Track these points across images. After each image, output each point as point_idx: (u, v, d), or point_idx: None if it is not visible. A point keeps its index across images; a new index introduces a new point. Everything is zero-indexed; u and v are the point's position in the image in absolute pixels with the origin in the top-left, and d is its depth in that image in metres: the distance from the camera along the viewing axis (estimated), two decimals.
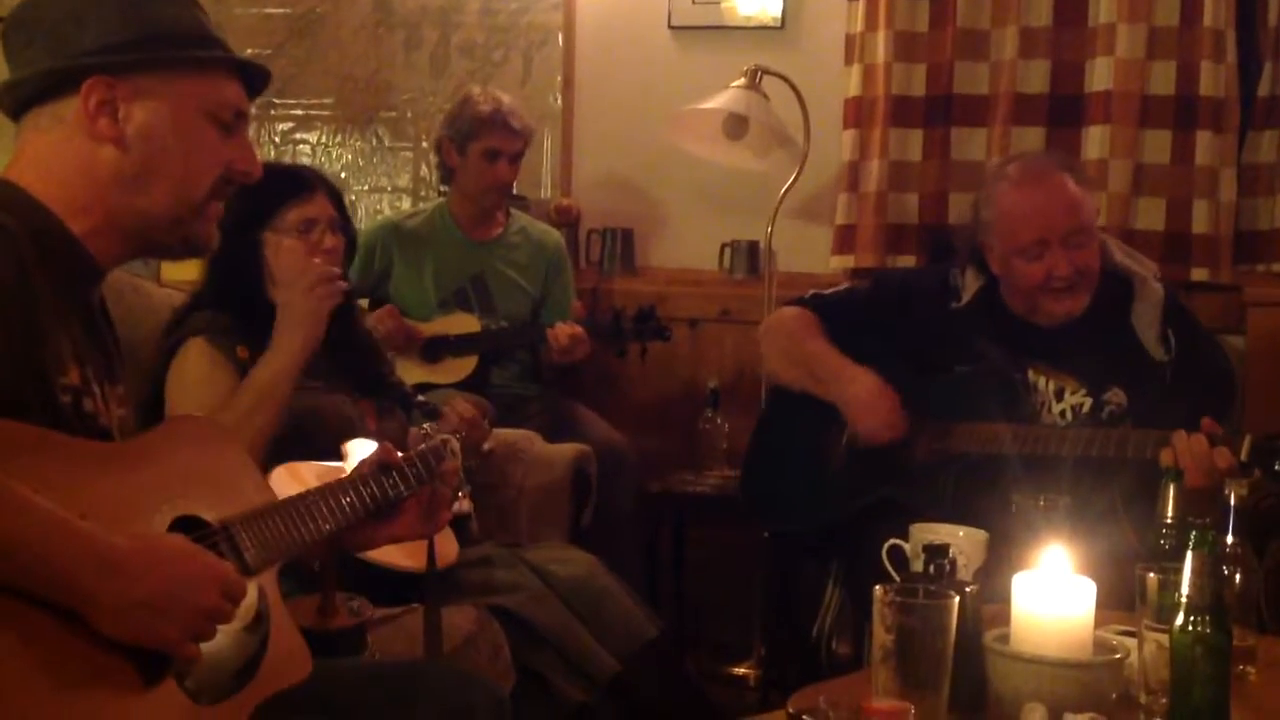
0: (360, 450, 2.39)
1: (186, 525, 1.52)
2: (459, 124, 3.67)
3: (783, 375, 2.82)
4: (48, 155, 1.55)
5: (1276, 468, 2.21)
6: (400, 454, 1.83)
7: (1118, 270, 2.59)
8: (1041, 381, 2.58)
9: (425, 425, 1.94)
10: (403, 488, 1.81)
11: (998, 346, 2.59)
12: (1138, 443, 2.32)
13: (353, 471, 1.80)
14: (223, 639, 1.48)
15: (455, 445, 1.91)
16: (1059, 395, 2.57)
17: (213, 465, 1.61)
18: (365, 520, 1.77)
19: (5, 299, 1.40)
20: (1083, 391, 2.55)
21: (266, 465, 2.14)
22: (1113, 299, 2.57)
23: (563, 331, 3.49)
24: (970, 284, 2.66)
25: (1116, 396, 2.52)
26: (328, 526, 1.69)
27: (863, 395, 2.58)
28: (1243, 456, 2.23)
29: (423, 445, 1.88)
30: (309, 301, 2.35)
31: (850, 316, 2.75)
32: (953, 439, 2.55)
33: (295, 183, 2.50)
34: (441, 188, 3.88)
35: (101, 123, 1.53)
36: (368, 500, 1.76)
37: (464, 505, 2.44)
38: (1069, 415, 2.53)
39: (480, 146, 3.64)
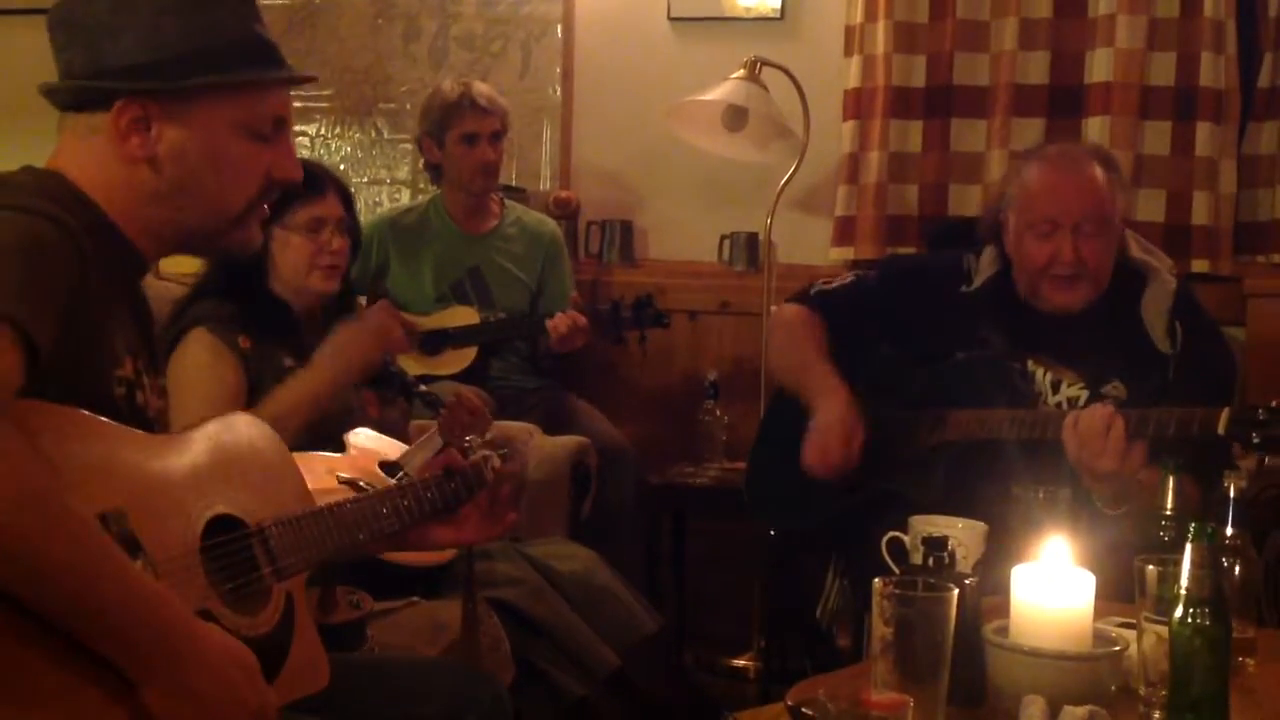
0: (362, 440, 2.41)
1: (223, 524, 1.51)
2: (431, 117, 3.67)
3: (779, 377, 2.83)
4: (88, 160, 1.53)
5: (1255, 439, 2.18)
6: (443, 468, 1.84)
7: (1132, 264, 2.59)
8: (1039, 372, 2.58)
9: (468, 439, 1.93)
10: (440, 505, 1.81)
11: (1000, 335, 2.59)
12: (1138, 422, 2.30)
13: (394, 483, 1.81)
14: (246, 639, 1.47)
15: (496, 461, 1.89)
16: (1055, 387, 2.56)
17: (256, 466, 1.60)
18: (400, 532, 1.78)
19: (69, 296, 1.38)
20: (1079, 385, 2.55)
21: None
22: (1124, 292, 2.56)
23: (562, 320, 3.48)
24: (985, 268, 2.65)
25: (1115, 390, 2.52)
26: (362, 536, 1.70)
27: (818, 426, 2.56)
28: (1220, 429, 2.20)
29: (466, 463, 1.87)
30: (365, 349, 2.39)
31: (853, 310, 2.74)
32: (949, 426, 2.55)
33: (308, 181, 2.49)
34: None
35: (133, 141, 1.51)
36: (403, 514, 1.77)
37: None
38: (1065, 408, 2.52)
39: (455, 133, 3.63)
